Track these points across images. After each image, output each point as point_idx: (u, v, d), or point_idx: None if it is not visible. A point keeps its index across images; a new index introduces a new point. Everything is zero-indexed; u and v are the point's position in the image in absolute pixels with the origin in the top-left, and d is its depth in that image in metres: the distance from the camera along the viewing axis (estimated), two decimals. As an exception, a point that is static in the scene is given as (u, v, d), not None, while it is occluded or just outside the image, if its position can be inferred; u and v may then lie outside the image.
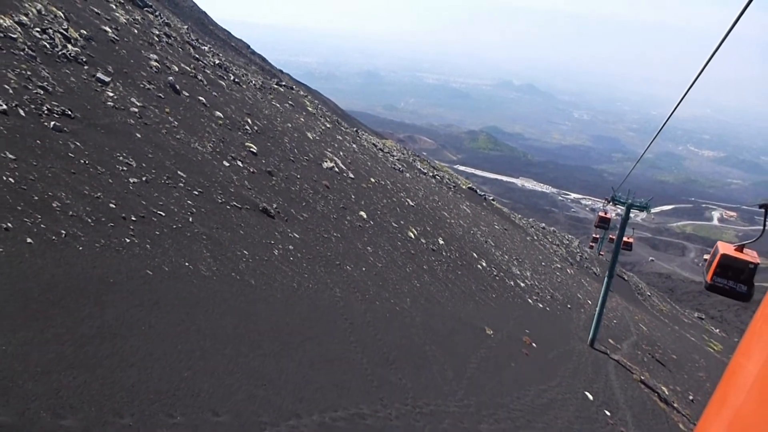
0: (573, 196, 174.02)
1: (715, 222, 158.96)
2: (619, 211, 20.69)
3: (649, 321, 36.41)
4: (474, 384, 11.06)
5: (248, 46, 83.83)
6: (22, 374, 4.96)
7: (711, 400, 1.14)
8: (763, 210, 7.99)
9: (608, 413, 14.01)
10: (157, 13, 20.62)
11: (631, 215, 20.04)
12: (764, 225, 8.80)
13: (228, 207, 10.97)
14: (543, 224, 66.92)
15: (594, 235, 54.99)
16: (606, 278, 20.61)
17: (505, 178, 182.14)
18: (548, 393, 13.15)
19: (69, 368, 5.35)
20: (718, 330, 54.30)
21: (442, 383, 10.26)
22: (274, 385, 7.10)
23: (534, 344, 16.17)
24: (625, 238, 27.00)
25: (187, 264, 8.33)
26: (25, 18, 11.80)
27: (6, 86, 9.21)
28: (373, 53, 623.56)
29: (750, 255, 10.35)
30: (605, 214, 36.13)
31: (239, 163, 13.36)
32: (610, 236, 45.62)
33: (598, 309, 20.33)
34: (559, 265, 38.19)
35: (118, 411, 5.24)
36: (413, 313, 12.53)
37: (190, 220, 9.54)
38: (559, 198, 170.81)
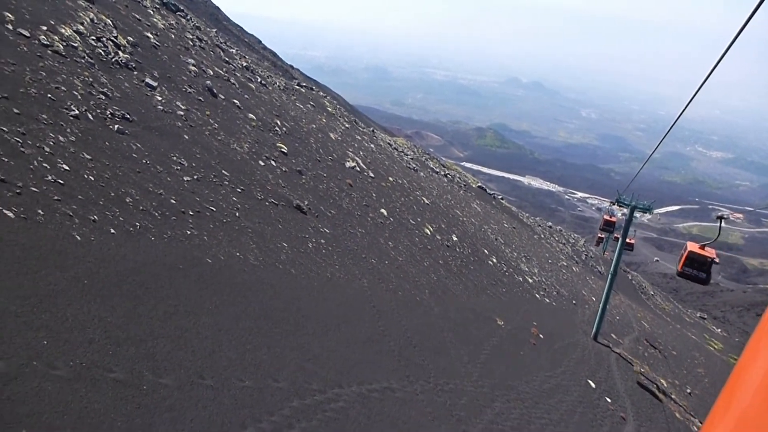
0: (579, 194, 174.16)
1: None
2: (625, 212, 21.64)
3: (651, 318, 37.31)
4: (487, 368, 12.14)
5: (260, 41, 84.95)
6: (126, 341, 6.06)
7: (717, 402, 1.13)
8: (719, 220, 11.84)
9: (609, 400, 15.05)
10: (188, 17, 21.70)
11: (637, 216, 21.00)
12: (719, 231, 12.33)
13: (267, 203, 12.07)
14: (549, 223, 67.79)
15: (599, 235, 55.96)
16: (610, 276, 21.58)
17: (511, 176, 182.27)
18: (554, 379, 14.22)
19: (159, 338, 6.45)
20: (719, 330, 55.04)
21: (459, 366, 11.35)
22: (319, 360, 8.21)
23: (541, 335, 17.21)
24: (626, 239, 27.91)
25: (238, 254, 9.43)
26: (81, 27, 12.90)
27: (75, 92, 10.32)
28: (380, 48, 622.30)
29: (710, 252, 14.16)
30: (610, 217, 37.06)
31: (273, 163, 14.46)
32: (615, 236, 46.55)
33: (601, 305, 21.31)
34: (565, 263, 39.15)
35: (201, 374, 6.35)
36: (431, 304, 13.62)
37: (237, 215, 10.64)
38: (566, 197, 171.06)
